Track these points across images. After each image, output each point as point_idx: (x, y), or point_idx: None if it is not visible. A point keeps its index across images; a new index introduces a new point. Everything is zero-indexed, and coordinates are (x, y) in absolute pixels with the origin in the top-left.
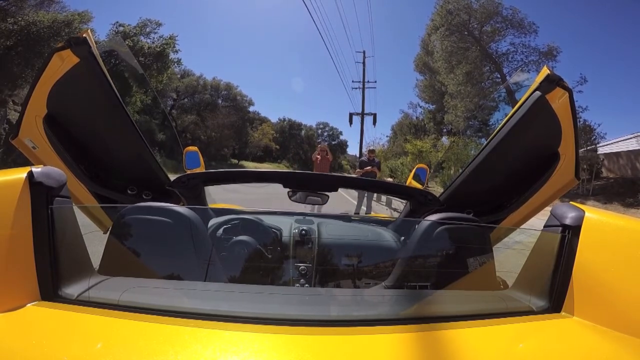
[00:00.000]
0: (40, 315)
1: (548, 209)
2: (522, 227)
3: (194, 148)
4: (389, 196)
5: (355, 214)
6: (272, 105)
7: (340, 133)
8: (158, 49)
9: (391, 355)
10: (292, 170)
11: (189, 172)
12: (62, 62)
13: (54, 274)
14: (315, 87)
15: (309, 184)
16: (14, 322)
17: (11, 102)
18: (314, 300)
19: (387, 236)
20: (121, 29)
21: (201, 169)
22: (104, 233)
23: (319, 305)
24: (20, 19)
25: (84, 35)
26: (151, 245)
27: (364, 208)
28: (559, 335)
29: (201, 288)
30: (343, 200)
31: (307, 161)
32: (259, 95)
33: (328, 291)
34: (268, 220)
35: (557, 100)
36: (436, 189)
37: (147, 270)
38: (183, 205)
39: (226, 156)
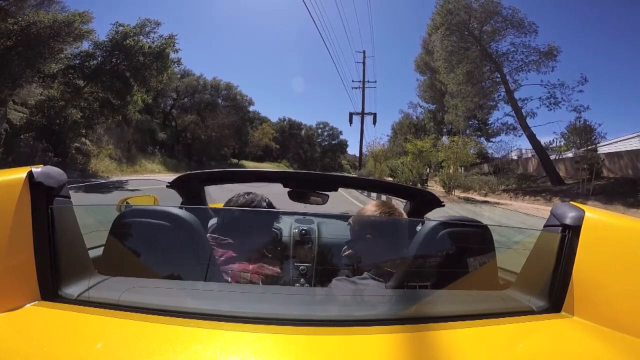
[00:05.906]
0: (40, 315)
1: (548, 209)
2: (522, 227)
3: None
4: (389, 196)
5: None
6: (272, 105)
7: (340, 133)
8: (158, 49)
9: (391, 355)
10: (292, 170)
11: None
12: None
13: (54, 274)
14: (315, 87)
15: (309, 183)
16: (14, 322)
17: (11, 102)
18: (314, 300)
19: None
20: (121, 29)
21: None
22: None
23: (319, 305)
24: (20, 19)
25: None
26: (150, 246)
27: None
28: (559, 335)
29: (202, 288)
30: (343, 200)
31: (307, 161)
32: (259, 95)
33: (328, 291)
34: None
35: None
36: (436, 189)
37: (146, 271)
38: (182, 205)
39: (226, 156)
